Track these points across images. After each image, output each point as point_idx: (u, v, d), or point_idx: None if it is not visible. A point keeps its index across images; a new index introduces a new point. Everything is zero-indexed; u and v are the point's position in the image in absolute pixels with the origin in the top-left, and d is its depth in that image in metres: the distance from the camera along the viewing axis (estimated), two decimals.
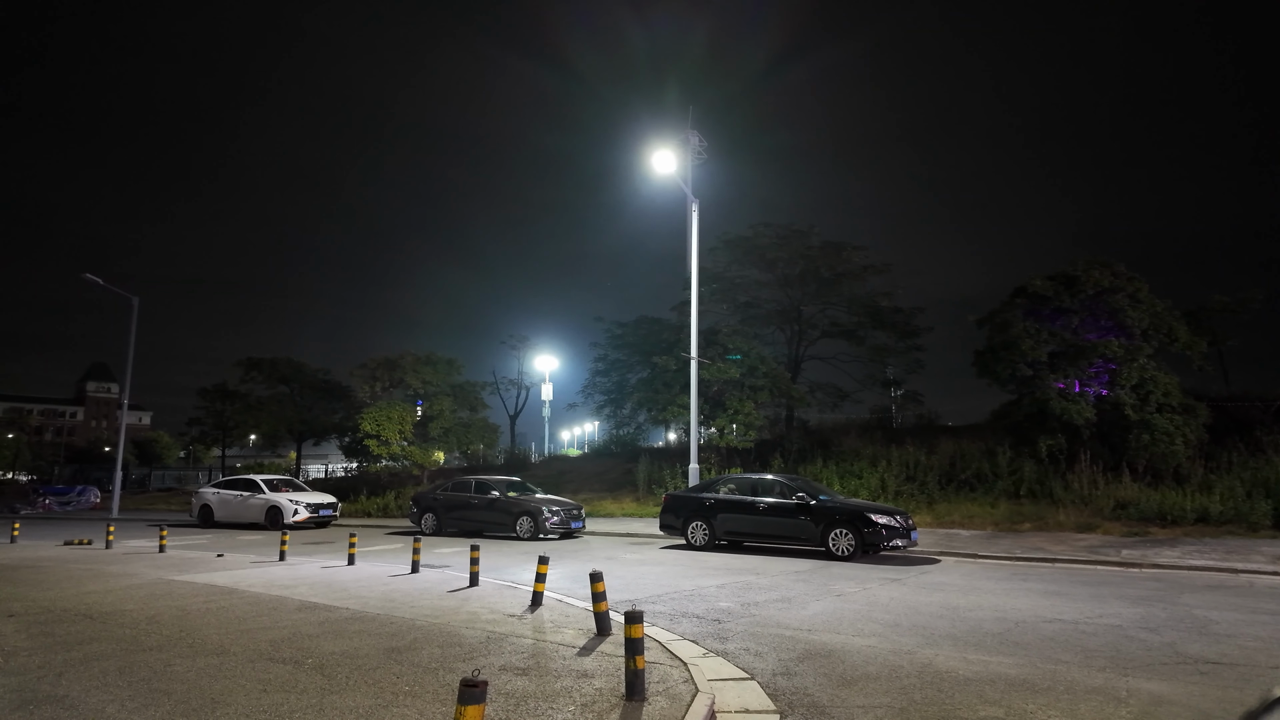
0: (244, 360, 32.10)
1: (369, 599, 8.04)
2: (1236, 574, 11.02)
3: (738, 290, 31.08)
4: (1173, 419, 18.64)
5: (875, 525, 12.72)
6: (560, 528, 16.65)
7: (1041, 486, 18.90)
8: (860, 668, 5.54)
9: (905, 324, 29.16)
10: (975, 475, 20.24)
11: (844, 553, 12.86)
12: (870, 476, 20.91)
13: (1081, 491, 18.01)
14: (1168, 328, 19.79)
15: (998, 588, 9.91)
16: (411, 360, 27.44)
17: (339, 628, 6.47)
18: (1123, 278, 19.84)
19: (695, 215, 18.69)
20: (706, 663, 5.47)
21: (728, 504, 14.39)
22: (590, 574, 6.05)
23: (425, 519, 18.17)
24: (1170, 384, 19.17)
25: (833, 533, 13.03)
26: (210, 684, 4.64)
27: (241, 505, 20.93)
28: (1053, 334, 20.04)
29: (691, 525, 14.54)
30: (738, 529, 14.24)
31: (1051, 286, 20.34)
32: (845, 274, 28.97)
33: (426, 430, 27.31)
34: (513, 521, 16.70)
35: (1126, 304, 19.41)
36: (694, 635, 6.61)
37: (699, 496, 14.84)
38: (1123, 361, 19.14)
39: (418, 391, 27.25)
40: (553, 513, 16.61)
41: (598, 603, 5.97)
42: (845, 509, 13.21)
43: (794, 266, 29.81)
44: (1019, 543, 14.87)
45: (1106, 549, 13.69)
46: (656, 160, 17.25)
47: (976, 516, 18.00)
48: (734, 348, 24.79)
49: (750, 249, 30.30)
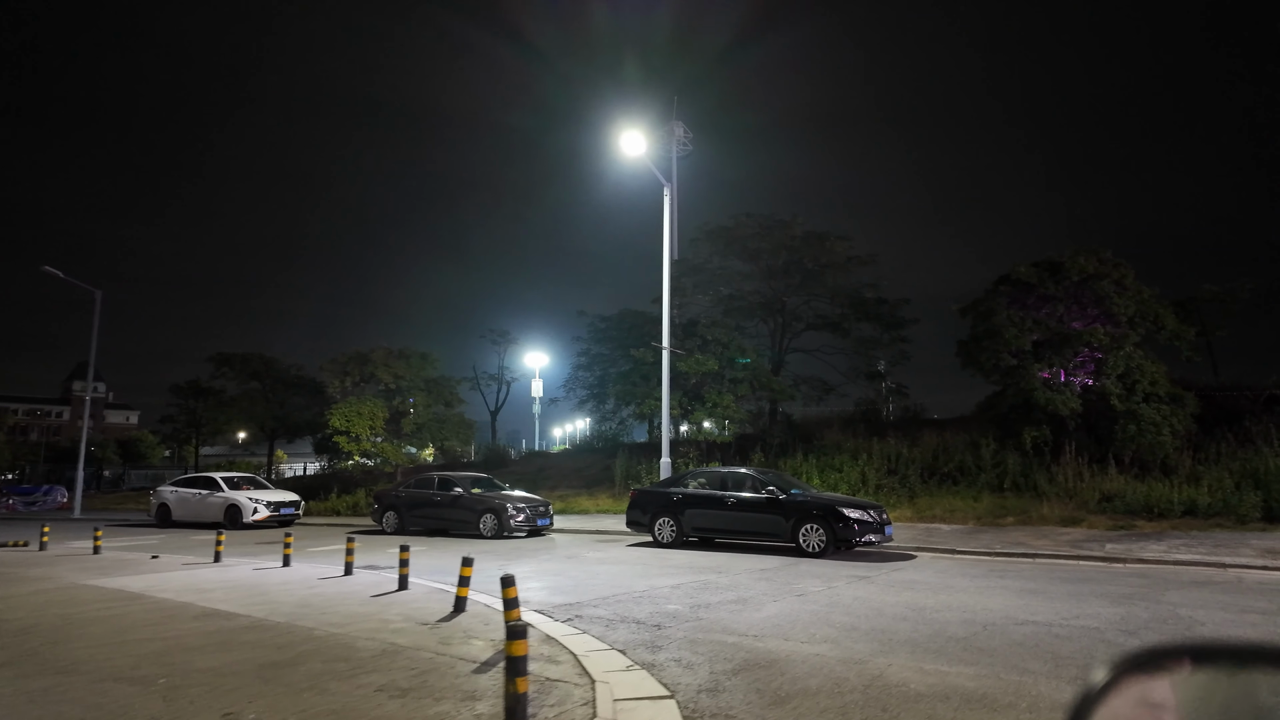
0: (215, 355, 31.30)
1: (281, 605, 7.35)
2: (1224, 569, 10.45)
3: (720, 282, 30.38)
4: (1160, 409, 18.09)
5: (847, 520, 12.10)
6: (526, 525, 15.98)
7: (1026, 479, 18.32)
8: (800, 681, 4.89)
9: (891, 315, 28.54)
10: (958, 468, 19.65)
11: (815, 549, 12.23)
12: (851, 470, 20.31)
13: (1066, 484, 17.44)
14: (1154, 315, 19.23)
15: (971, 586, 9.29)
16: (383, 355, 26.65)
17: (228, 639, 5.79)
18: (1108, 264, 19.27)
19: (669, 201, 18.05)
20: (626, 678, 4.81)
21: (696, 499, 13.75)
22: (502, 578, 5.39)
23: (386, 517, 17.47)
24: (1157, 373, 18.62)
25: (803, 528, 12.41)
26: (26, 710, 3.95)
27: (200, 504, 20.18)
28: (1037, 322, 19.45)
29: (659, 522, 13.89)
30: (706, 525, 13.60)
31: (1036, 273, 19.75)
32: (829, 265, 28.32)
33: (399, 426, 26.56)
34: (476, 519, 16.02)
35: (1112, 290, 18.83)
36: (625, 644, 5.95)
37: (667, 492, 14.19)
38: (1109, 350, 18.57)
39: (388, 386, 26.48)
40: (518, 510, 15.93)
41: (509, 610, 5.31)
42: (816, 503, 12.59)
43: (777, 258, 29.15)
44: (1000, 537, 14.28)
45: (1090, 543, 13.11)
46: (626, 142, 16.51)
47: (958, 510, 17.41)
48: (713, 339, 24.12)
49: (732, 240, 29.60)
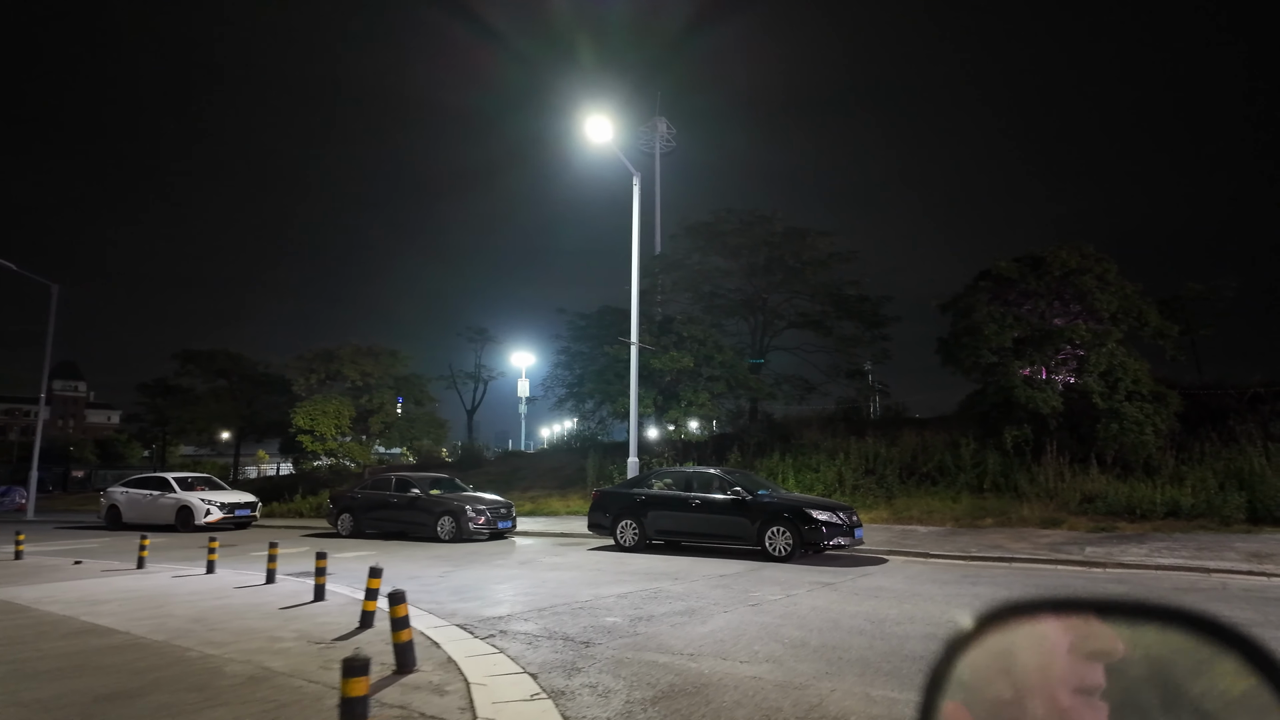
0: (179, 353, 30.35)
1: (172, 620, 6.64)
2: (1208, 574, 9.90)
3: (701, 280, 29.75)
4: (1143, 407, 17.59)
5: (815, 522, 11.49)
6: (487, 528, 15.27)
7: (1006, 480, 17.78)
8: (724, 713, 4.25)
9: (873, 313, 28.03)
10: (937, 468, 19.10)
11: (781, 552, 11.61)
12: (828, 470, 19.72)
13: (1047, 484, 16.91)
14: (1138, 311, 18.74)
15: (940, 594, 8.69)
16: (350, 351, 25.82)
17: (85, 661, 5.09)
18: (1091, 259, 18.77)
19: (637, 190, 17.40)
20: (523, 711, 4.15)
21: (659, 500, 13.10)
22: (389, 594, 4.70)
23: (342, 520, 16.72)
24: (1140, 370, 18.13)
25: (769, 531, 11.79)
26: None
27: (151, 506, 19.33)
28: (1018, 319, 18.92)
29: (621, 524, 13.22)
30: (670, 528, 12.95)
31: (1017, 268, 19.24)
32: (811, 261, 27.77)
33: (367, 425, 25.77)
34: (434, 522, 15.30)
35: (1095, 286, 18.33)
36: (542, 666, 5.29)
37: (630, 493, 13.53)
38: (1091, 347, 18.07)
39: (355, 384, 25.64)
40: (478, 512, 15.23)
41: (398, 631, 4.63)
42: (783, 505, 11.97)
43: (758, 254, 28.55)
44: (977, 540, 13.72)
45: (1070, 546, 12.56)
46: (592, 128, 15.80)
47: (936, 512, 16.86)
48: (689, 336, 23.50)
49: (712, 236, 28.99)
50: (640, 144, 49.80)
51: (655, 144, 48.59)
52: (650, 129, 48.74)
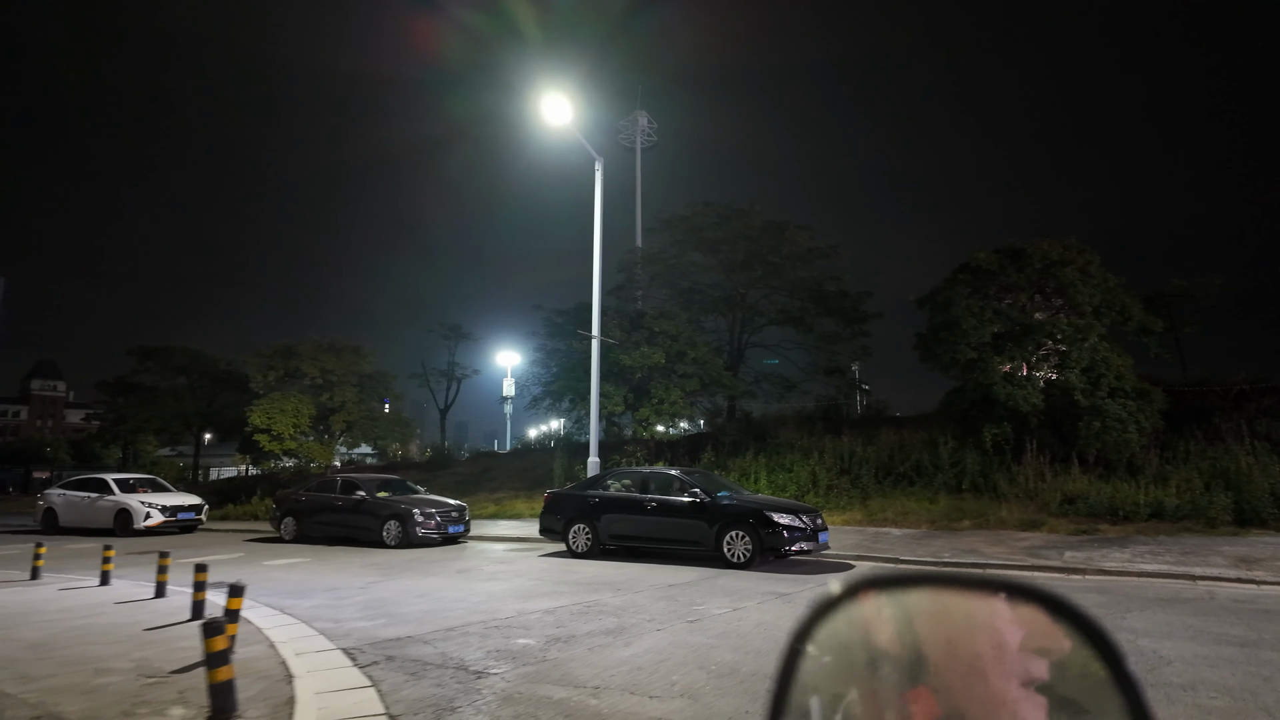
0: (136, 349, 29.23)
1: (9, 645, 5.75)
2: (1194, 581, 9.17)
3: (679, 275, 28.91)
4: (1125, 404, 16.92)
5: (775, 526, 10.69)
6: (436, 533, 14.39)
7: (985, 480, 17.07)
8: None
9: (853, 310, 27.30)
10: (915, 468, 18.36)
11: (740, 559, 10.81)
12: (801, 470, 18.95)
13: (1027, 485, 16.22)
14: (1121, 305, 18.08)
15: None
16: (310, 347, 24.82)
17: None
18: (1073, 250, 18.07)
19: (600, 175, 16.53)
20: None
21: (614, 503, 12.26)
22: (204, 624, 3.82)
23: (285, 524, 15.79)
24: (1123, 366, 17.46)
25: (728, 535, 10.98)
26: None
27: (89, 509, 18.31)
28: (998, 313, 18.21)
29: (573, 529, 12.37)
30: (625, 532, 12.12)
31: (997, 260, 18.53)
32: (790, 257, 27.00)
33: (328, 424, 24.78)
34: (379, 526, 14.41)
35: (1077, 278, 17.63)
36: (411, 705, 4.44)
37: (583, 495, 12.69)
38: (1073, 342, 17.39)
39: (314, 381, 24.63)
40: (426, 516, 14.35)
41: (215, 670, 3.76)
42: (742, 508, 11.16)
43: (737, 249, 27.73)
44: (953, 544, 12.98)
45: (1049, 550, 11.84)
46: (549, 108, 14.86)
47: (912, 513, 16.12)
48: (661, 331, 22.67)
49: (689, 229, 28.18)
50: (621, 138, 48.99)
51: (636, 138, 47.81)
52: (630, 123, 47.91)
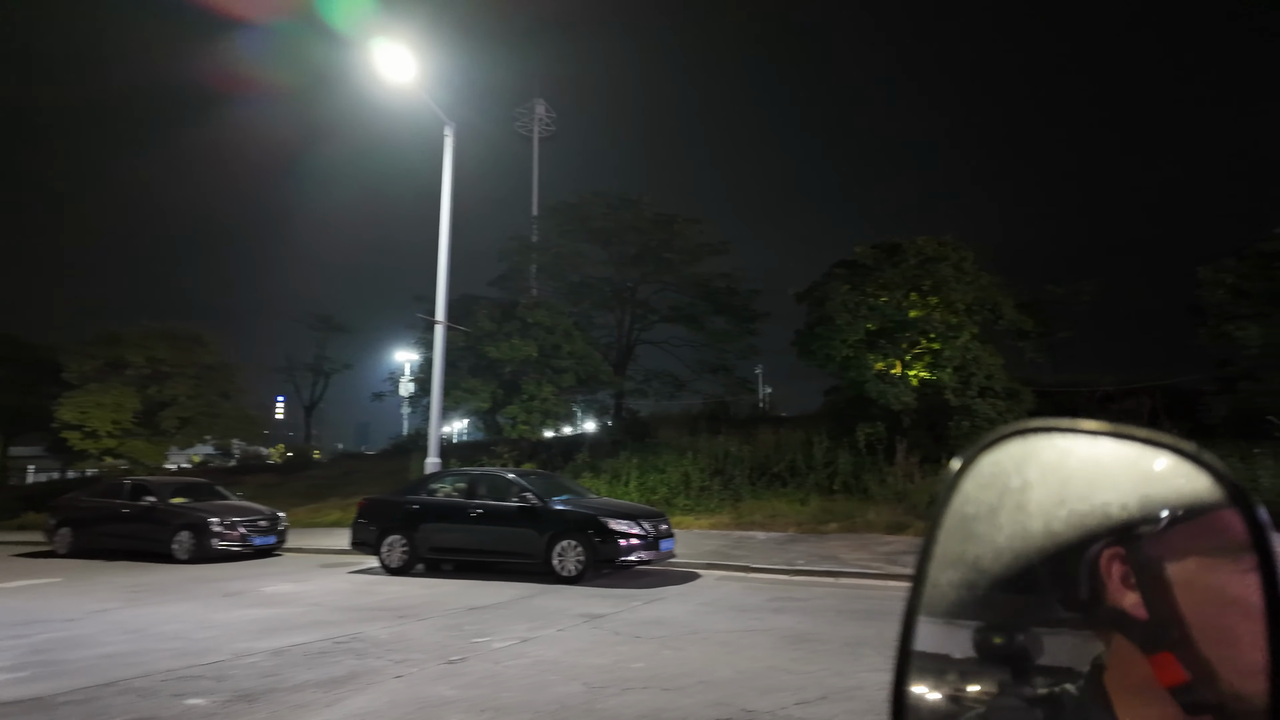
0: None
1: None
2: None
3: (568, 267, 27.39)
4: (995, 404, 16.73)
5: (611, 535, 9.42)
6: (239, 544, 12.39)
7: (857, 480, 16.50)
8: None
9: (743, 307, 26.55)
10: (789, 468, 17.62)
11: (571, 572, 9.48)
12: (674, 470, 17.90)
13: (897, 486, 15.69)
14: (993, 304, 17.93)
15: (728, 629, 6.77)
16: (138, 334, 21.93)
17: None
18: (948, 246, 17.79)
19: (450, 145, 14.87)
20: None
21: (437, 510, 10.68)
22: None
23: (60, 535, 13.37)
24: (994, 365, 17.29)
25: (559, 545, 9.62)
26: None
27: None
28: (874, 309, 17.70)
29: (387, 541, 10.69)
30: (446, 544, 10.56)
31: (874, 255, 18.07)
32: (682, 252, 26.05)
33: (157, 420, 21.93)
34: (169, 537, 12.28)
35: (951, 275, 17.33)
36: None
37: (400, 501, 11.04)
38: (946, 340, 17.09)
39: (141, 371, 21.74)
40: (228, 526, 12.33)
41: None
42: (576, 515, 9.83)
43: (628, 244, 26.52)
44: (814, 549, 12.13)
45: (908, 557, 11.05)
46: (386, 62, 12.92)
47: (781, 515, 15.30)
48: (534, 322, 21.18)
49: (577, 218, 26.78)
50: (518, 126, 47.04)
51: (534, 127, 46.05)
52: (527, 111, 46.12)
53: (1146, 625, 0.58)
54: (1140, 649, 0.59)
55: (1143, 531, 0.60)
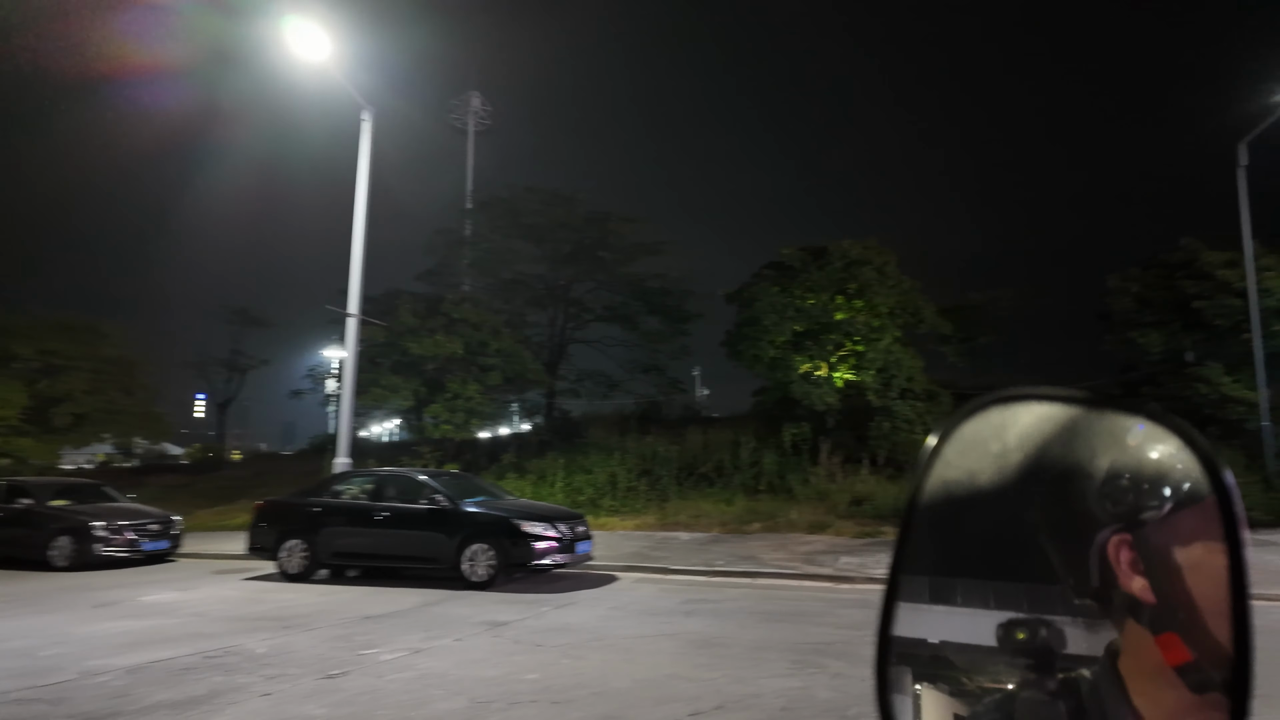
0: None
1: None
2: None
3: (500, 264, 26.73)
4: (914, 405, 17.07)
5: (523, 538, 9.08)
6: (126, 550, 11.51)
7: (782, 480, 16.56)
8: None
9: (676, 308, 26.43)
10: (716, 469, 17.57)
11: (481, 577, 9.09)
12: (601, 471, 17.62)
13: (819, 486, 15.82)
14: (915, 307, 18.31)
15: (635, 634, 6.54)
16: (27, 324, 20.35)
17: None
18: (873, 250, 18.09)
19: (368, 129, 14.24)
20: None
21: (340, 513, 10.14)
22: None
23: None
24: (915, 368, 17.66)
25: (469, 549, 9.22)
26: None
27: None
28: (800, 311, 17.84)
29: (286, 545, 10.06)
30: (350, 549, 10.02)
31: (800, 258, 18.22)
32: (616, 250, 25.77)
33: (49, 417, 20.40)
34: (45, 542, 11.31)
35: (874, 278, 17.62)
36: None
37: (301, 503, 10.45)
38: (869, 342, 17.35)
39: (29, 364, 20.18)
40: (113, 530, 11.44)
41: None
42: (488, 517, 9.46)
43: (563, 241, 26.04)
44: (734, 549, 12.05)
45: (826, 556, 11.13)
46: (293, 34, 12.13)
47: (705, 516, 15.20)
48: (460, 319, 20.59)
49: (509, 214, 26.18)
50: (453, 117, 45.95)
51: (469, 120, 45.05)
52: (463, 103, 45.10)
53: (1154, 609, 0.59)
54: (1150, 632, 0.59)
55: (1147, 517, 0.60)
